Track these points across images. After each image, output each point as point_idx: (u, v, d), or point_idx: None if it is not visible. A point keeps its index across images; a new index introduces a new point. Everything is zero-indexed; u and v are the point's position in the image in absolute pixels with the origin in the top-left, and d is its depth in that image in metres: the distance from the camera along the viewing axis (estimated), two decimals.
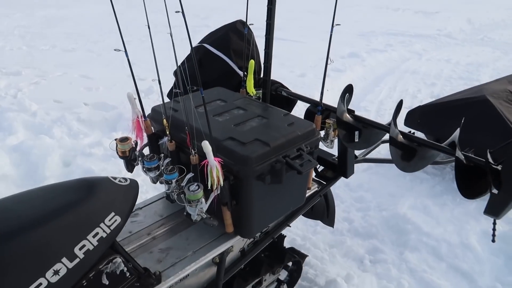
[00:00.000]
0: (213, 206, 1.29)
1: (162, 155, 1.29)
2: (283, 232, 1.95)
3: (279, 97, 1.80)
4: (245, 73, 1.64)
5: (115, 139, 1.34)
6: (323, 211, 1.92)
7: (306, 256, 1.92)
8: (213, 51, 1.89)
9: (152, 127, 1.41)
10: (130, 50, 1.30)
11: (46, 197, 1.04)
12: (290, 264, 1.87)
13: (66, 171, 2.93)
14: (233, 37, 1.87)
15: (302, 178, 1.40)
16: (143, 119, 1.36)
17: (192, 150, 1.19)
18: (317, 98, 1.57)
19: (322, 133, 1.53)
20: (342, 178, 1.73)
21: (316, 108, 1.55)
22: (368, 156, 1.83)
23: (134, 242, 1.32)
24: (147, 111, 1.43)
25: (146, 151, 1.40)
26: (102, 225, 1.01)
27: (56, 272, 0.91)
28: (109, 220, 1.03)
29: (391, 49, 7.01)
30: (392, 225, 2.35)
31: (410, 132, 1.50)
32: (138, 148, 1.37)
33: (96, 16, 10.41)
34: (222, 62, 1.85)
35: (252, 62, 1.61)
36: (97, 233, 0.99)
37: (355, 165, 1.75)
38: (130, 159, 1.35)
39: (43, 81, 4.78)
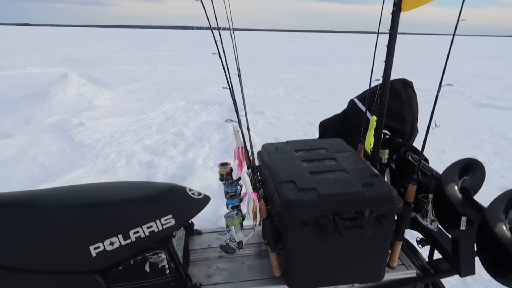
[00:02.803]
0: None
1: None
2: None
3: (406, 162, 1.59)
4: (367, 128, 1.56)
5: (219, 164, 1.56)
6: None
7: None
8: (359, 105, 1.86)
9: (257, 160, 1.56)
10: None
11: (134, 188, 1.35)
12: None
13: None
14: None
15: (374, 249, 1.22)
16: (243, 151, 1.53)
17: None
18: None
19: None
20: None
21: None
22: None
23: (204, 254, 1.48)
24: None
25: None
26: (157, 221, 1.22)
27: (111, 243, 1.18)
28: (165, 220, 1.23)
29: None
30: None
31: None
32: (235, 175, 1.54)
33: (353, 75, 11.29)
34: (364, 117, 1.80)
35: (374, 117, 1.52)
36: (150, 226, 1.21)
37: None
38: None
39: (276, 121, 5.62)
